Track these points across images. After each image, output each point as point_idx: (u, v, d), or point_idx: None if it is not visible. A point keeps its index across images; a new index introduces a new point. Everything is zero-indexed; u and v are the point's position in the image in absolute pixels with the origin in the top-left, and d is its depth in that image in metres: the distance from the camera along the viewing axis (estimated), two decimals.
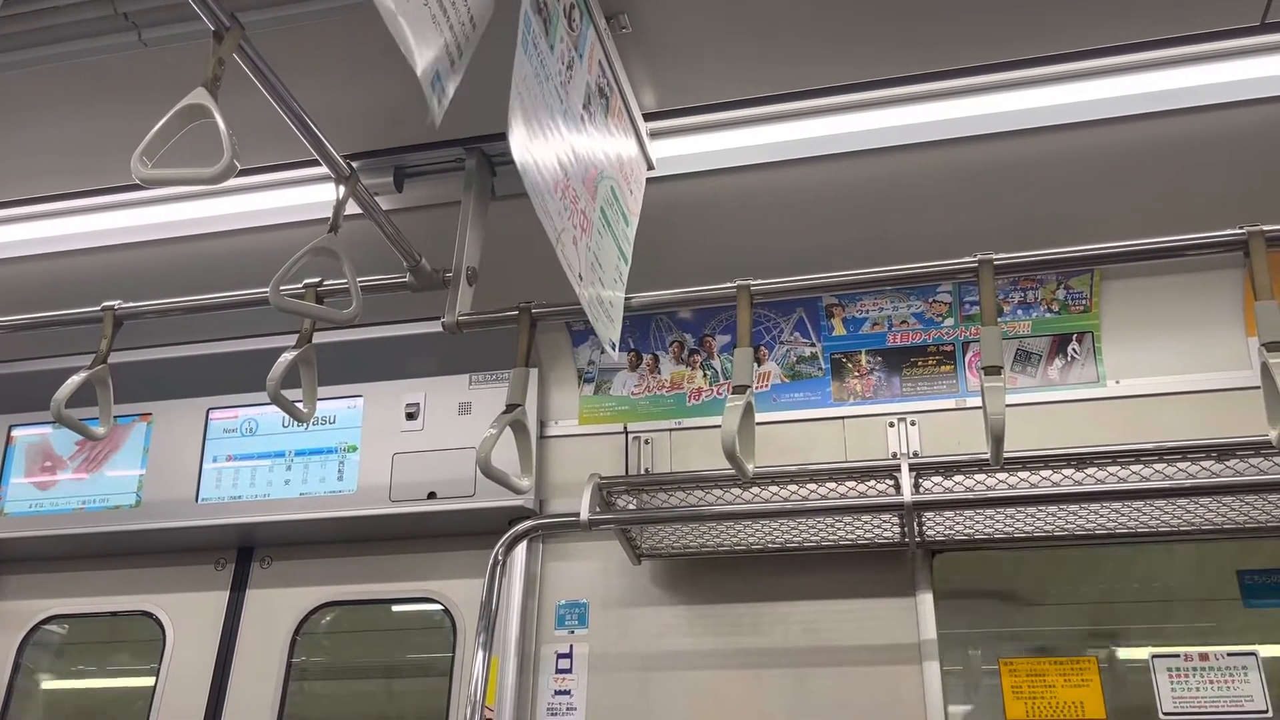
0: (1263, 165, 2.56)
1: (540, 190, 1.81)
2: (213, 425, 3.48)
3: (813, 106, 2.51)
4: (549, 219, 1.84)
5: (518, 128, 1.70)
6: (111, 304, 2.65)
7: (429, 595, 3.25)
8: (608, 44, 2.20)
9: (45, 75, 2.37)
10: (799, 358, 3.16)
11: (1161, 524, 2.62)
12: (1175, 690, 2.64)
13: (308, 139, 2.13)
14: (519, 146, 1.71)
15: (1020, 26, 2.27)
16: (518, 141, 1.70)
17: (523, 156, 1.73)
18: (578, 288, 2.00)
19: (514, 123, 1.69)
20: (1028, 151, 2.57)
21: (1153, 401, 2.87)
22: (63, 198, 2.85)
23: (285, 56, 2.03)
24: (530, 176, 1.77)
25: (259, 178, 2.74)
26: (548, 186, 1.85)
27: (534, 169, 1.78)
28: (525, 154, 1.74)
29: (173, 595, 3.46)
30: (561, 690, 2.99)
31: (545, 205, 1.83)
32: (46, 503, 3.50)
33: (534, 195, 1.79)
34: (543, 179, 1.82)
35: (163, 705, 3.29)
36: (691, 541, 2.89)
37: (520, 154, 1.71)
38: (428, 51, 1.55)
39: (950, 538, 2.76)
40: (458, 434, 3.20)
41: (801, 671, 2.86)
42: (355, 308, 2.28)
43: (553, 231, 1.87)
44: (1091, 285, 2.95)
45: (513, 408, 2.24)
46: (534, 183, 1.78)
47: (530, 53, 1.78)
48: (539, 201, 1.81)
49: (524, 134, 1.74)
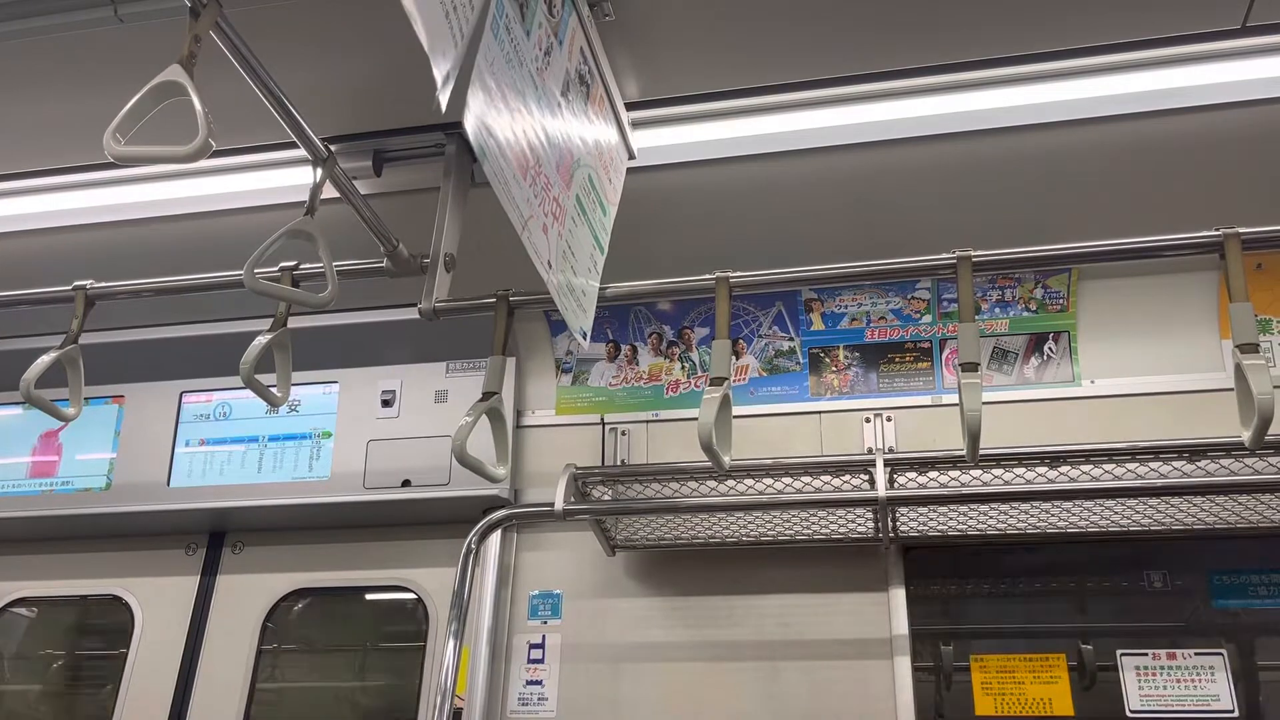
0: (1240, 168, 2.58)
1: (503, 175, 1.79)
2: (186, 409, 3.45)
3: (797, 100, 2.51)
4: (513, 206, 1.83)
5: (476, 110, 1.68)
6: (83, 283, 2.61)
7: (402, 583, 3.24)
8: (590, 31, 2.19)
9: (18, 50, 2.33)
10: (777, 351, 3.16)
11: (1133, 523, 2.64)
12: (1142, 688, 2.66)
13: (285, 120, 2.10)
14: (475, 128, 1.68)
15: (1003, 24, 2.27)
16: (474, 124, 1.67)
17: (481, 139, 1.70)
18: (546, 275, 1.99)
19: (472, 104, 1.66)
20: (1009, 149, 2.58)
21: (1127, 401, 2.89)
22: (34, 175, 2.81)
23: (264, 36, 2.00)
24: (492, 161, 1.74)
25: (235, 159, 2.71)
26: (512, 171, 1.82)
27: (495, 153, 1.76)
28: (485, 137, 1.71)
29: (142, 579, 3.44)
30: (533, 680, 2.98)
31: (509, 191, 1.81)
32: (14, 484, 3.46)
33: (495, 180, 1.76)
34: (505, 163, 1.80)
35: (130, 689, 3.27)
36: (666, 533, 2.89)
37: (477, 136, 1.69)
38: (437, 32, 1.54)
39: (924, 534, 2.77)
40: (433, 422, 3.19)
41: (774, 665, 2.87)
42: (331, 292, 2.26)
43: (518, 218, 1.85)
44: (1069, 285, 2.96)
45: (489, 396, 2.22)
46: (496, 167, 1.76)
47: (501, 37, 1.76)
48: (501, 187, 1.78)
49: (485, 117, 1.71)
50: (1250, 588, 2.76)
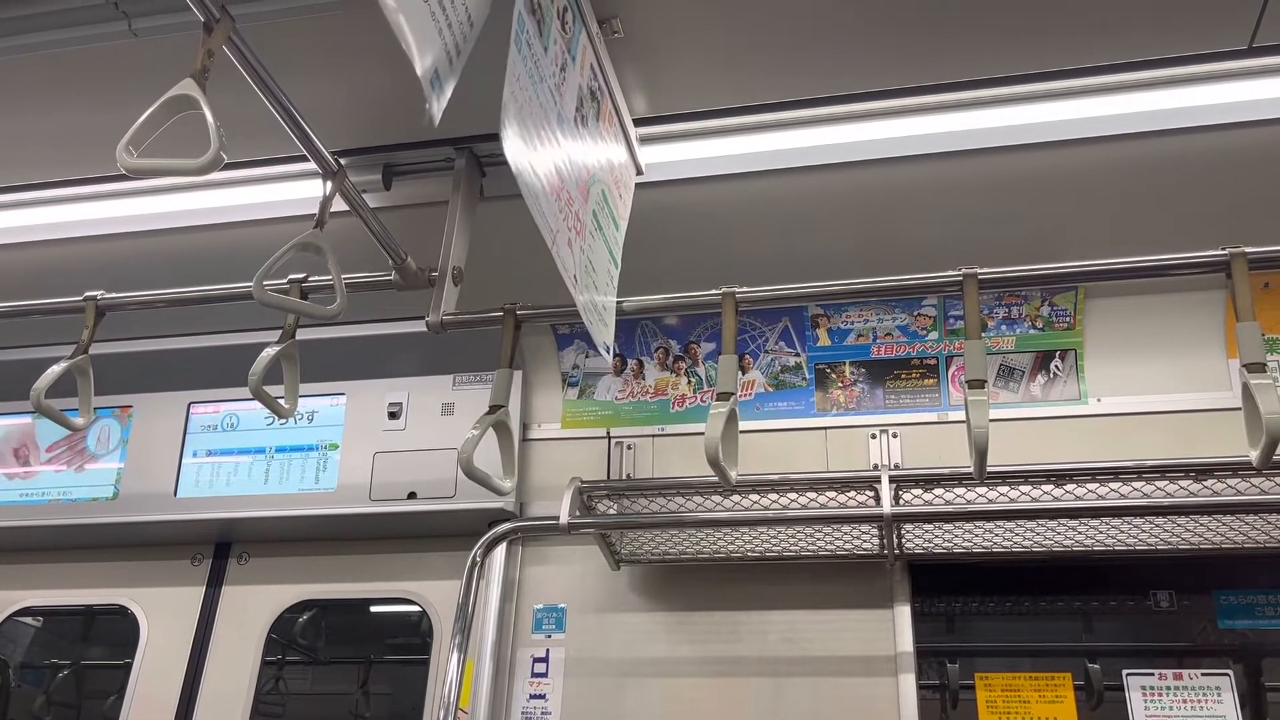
0: (1247, 188, 2.58)
1: (535, 192, 1.80)
2: (193, 420, 3.46)
3: (802, 117, 2.51)
4: (544, 220, 1.83)
5: (512, 128, 1.69)
6: (94, 294, 2.64)
7: (406, 596, 3.24)
8: (599, 48, 2.20)
9: (34, 63, 2.35)
10: (783, 367, 3.16)
11: (1140, 542, 2.63)
12: (1149, 709, 2.65)
13: (295, 134, 2.12)
14: (513, 148, 1.70)
15: (1011, 44, 2.28)
16: (511, 143, 1.69)
17: (517, 159, 1.72)
18: (573, 290, 1.99)
19: (508, 123, 1.68)
20: (1016, 167, 2.58)
21: (1133, 420, 2.89)
22: (47, 186, 2.83)
23: (275, 50, 2.02)
24: (525, 178, 1.76)
25: (246, 172, 2.73)
26: (542, 189, 1.84)
27: (529, 171, 1.77)
28: (520, 156, 1.73)
29: (148, 589, 3.44)
30: (537, 694, 2.98)
31: (540, 207, 1.82)
32: (22, 493, 3.48)
33: (529, 197, 1.78)
34: (538, 181, 1.81)
35: (135, 699, 3.27)
36: (671, 548, 2.89)
37: (515, 156, 1.70)
38: (427, 49, 1.55)
39: (929, 551, 2.77)
40: (440, 434, 3.19)
41: (778, 681, 2.86)
42: (339, 304, 2.27)
43: (549, 234, 1.85)
44: (1075, 303, 2.96)
45: (496, 409, 2.23)
46: (529, 184, 1.77)
47: (524, 53, 1.77)
48: (534, 203, 1.80)
49: (519, 135, 1.73)
50: (1257, 608, 2.75)
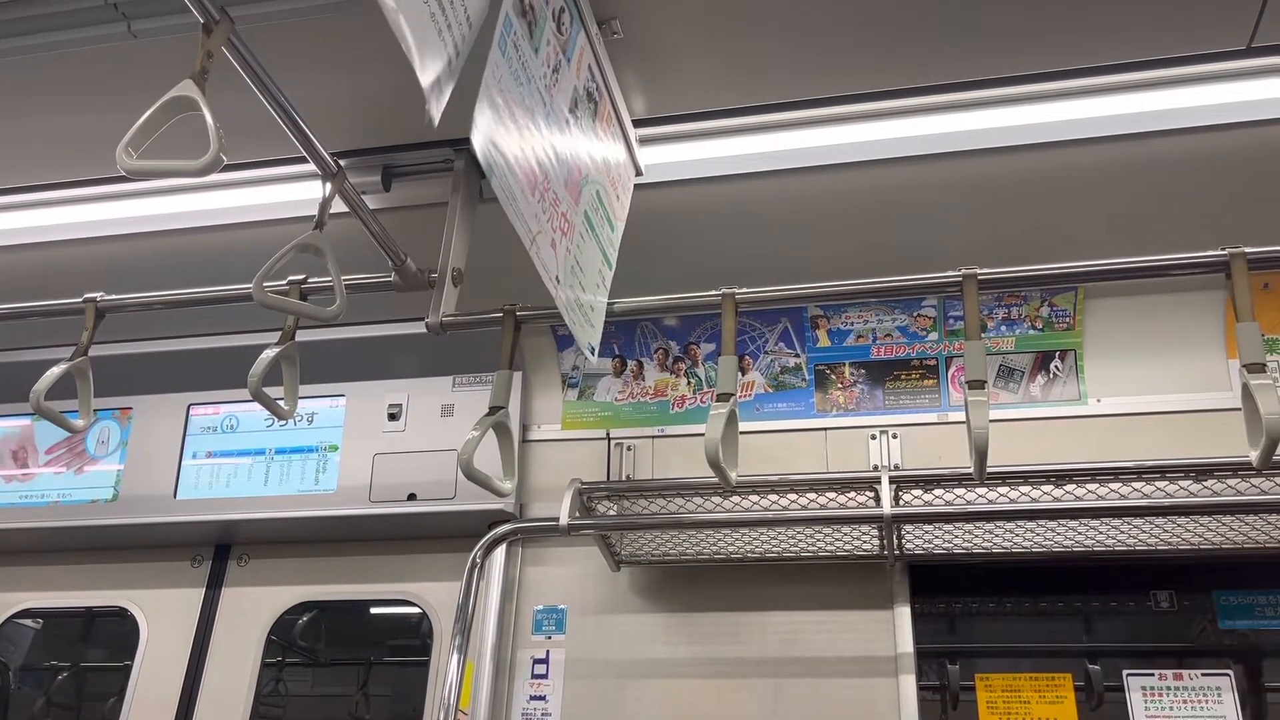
0: (1247, 188, 2.58)
1: (511, 191, 1.80)
2: (193, 421, 3.46)
3: (803, 117, 2.52)
4: (522, 221, 1.84)
5: (484, 127, 1.69)
6: (94, 296, 2.64)
7: (406, 597, 3.24)
8: (598, 48, 2.20)
9: (34, 64, 2.35)
10: (783, 368, 3.16)
11: (1140, 543, 2.63)
12: (1149, 709, 2.65)
13: (295, 135, 2.12)
14: (483, 145, 1.69)
15: (1009, 44, 2.28)
16: (481, 140, 1.68)
17: (489, 155, 1.71)
18: (554, 290, 2.00)
19: (479, 121, 1.67)
20: (1015, 168, 2.59)
21: (1133, 420, 2.89)
22: (46, 188, 2.84)
23: (275, 52, 2.02)
24: (499, 177, 1.76)
25: (245, 173, 2.73)
26: (520, 187, 1.84)
27: (503, 169, 1.77)
28: (493, 153, 1.73)
29: (148, 591, 3.44)
30: (537, 695, 2.98)
31: (518, 207, 1.83)
32: (22, 495, 3.47)
33: (503, 196, 1.78)
34: (514, 179, 1.81)
35: (134, 701, 3.27)
36: (671, 549, 2.89)
37: (486, 152, 1.70)
38: (428, 50, 1.55)
39: (929, 551, 2.77)
40: (439, 436, 3.19)
41: (778, 682, 2.85)
42: (339, 305, 2.27)
43: (526, 234, 1.86)
44: (1075, 303, 2.96)
45: (496, 410, 2.23)
46: (504, 183, 1.77)
47: (509, 54, 1.77)
48: (509, 203, 1.79)
49: (493, 133, 1.72)
50: (1257, 608, 2.75)
